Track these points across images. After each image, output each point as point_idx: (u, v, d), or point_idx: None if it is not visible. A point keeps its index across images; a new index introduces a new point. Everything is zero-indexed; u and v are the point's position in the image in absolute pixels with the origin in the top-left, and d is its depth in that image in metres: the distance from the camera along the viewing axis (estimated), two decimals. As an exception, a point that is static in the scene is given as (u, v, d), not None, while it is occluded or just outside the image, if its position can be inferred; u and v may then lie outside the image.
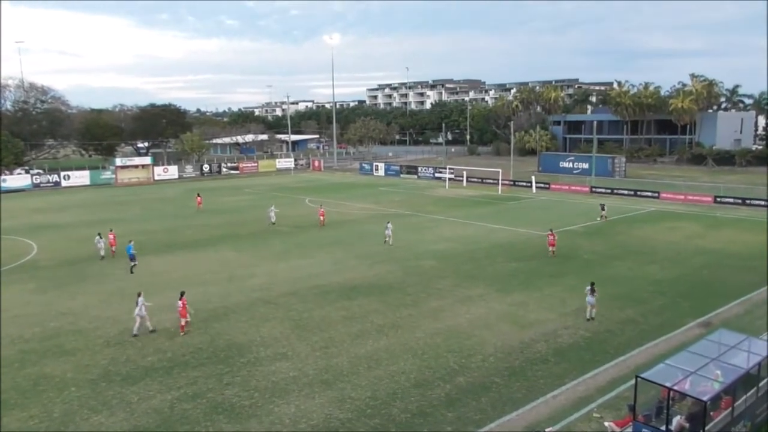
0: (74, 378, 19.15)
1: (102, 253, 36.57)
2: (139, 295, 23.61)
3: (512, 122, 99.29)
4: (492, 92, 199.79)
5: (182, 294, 23.57)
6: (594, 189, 64.22)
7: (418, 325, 23.61)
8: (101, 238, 36.86)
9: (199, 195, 58.36)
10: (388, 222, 42.60)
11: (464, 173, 75.10)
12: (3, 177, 75.25)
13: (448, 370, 19.49)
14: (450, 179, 74.31)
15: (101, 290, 29.04)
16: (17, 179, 76.54)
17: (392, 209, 54.05)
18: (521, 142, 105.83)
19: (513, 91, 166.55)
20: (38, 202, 63.41)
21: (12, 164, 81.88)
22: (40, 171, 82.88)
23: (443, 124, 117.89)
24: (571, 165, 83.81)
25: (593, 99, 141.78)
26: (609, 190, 62.83)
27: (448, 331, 22.82)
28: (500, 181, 68.45)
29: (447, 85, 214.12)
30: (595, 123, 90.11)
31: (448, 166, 79.26)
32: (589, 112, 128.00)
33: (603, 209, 47.71)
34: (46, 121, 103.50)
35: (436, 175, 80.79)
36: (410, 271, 31.74)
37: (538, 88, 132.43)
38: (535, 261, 33.74)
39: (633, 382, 15.24)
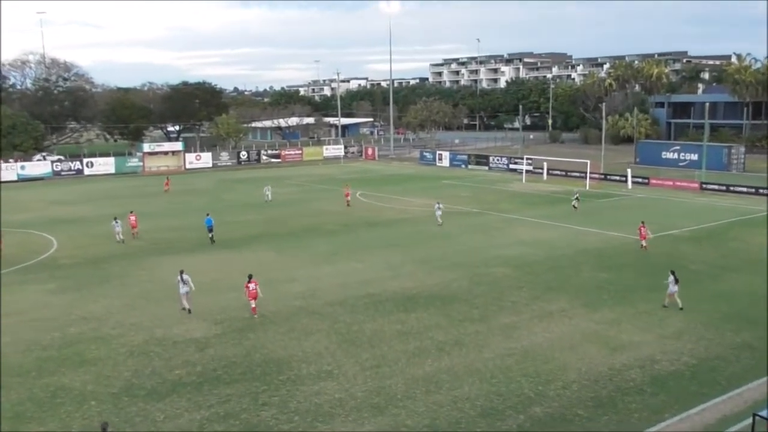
0: (94, 391, 19.95)
1: (119, 237, 39.55)
2: (182, 272, 26.97)
3: (604, 104, 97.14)
4: (580, 68, 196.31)
5: (250, 277, 26.47)
6: (705, 185, 62.27)
7: (486, 343, 23.47)
8: (118, 221, 40.05)
9: (168, 179, 66.90)
10: (438, 202, 43.25)
11: (545, 165, 74.17)
12: (21, 164, 79.09)
13: (522, 397, 19.29)
14: (527, 171, 73.48)
15: (125, 293, 30.13)
16: (36, 166, 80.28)
17: (458, 206, 53.87)
18: (615, 127, 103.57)
19: (606, 66, 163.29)
20: (59, 193, 66.35)
21: (31, 149, 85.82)
22: (61, 157, 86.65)
23: (520, 106, 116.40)
24: (676, 156, 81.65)
25: (705, 76, 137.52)
26: (723, 187, 60.75)
27: (522, 352, 22.60)
28: (588, 175, 67.23)
29: (526, 60, 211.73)
30: (707, 105, 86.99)
31: (525, 156, 78.41)
32: (700, 91, 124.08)
33: (576, 200, 52.11)
34: (68, 102, 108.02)
35: (511, 166, 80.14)
36: (478, 280, 31.58)
37: (636, 62, 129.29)
38: (630, 271, 32.99)
39: (749, 420, 14.72)
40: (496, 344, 23.37)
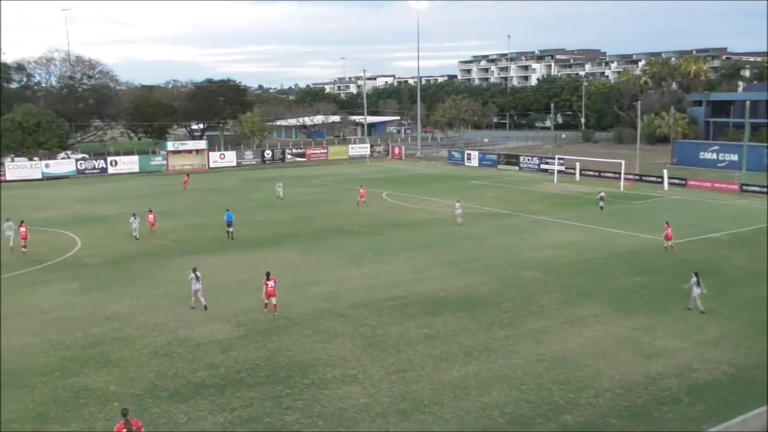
0: (117, 392, 20.23)
1: (136, 234, 41.27)
2: (194, 270, 27.84)
3: (639, 102, 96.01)
4: (614, 65, 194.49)
5: (268, 274, 27.10)
6: (745, 187, 61.26)
7: (515, 349, 23.37)
8: (136, 218, 41.66)
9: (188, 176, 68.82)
10: (458, 201, 45.17)
11: (577, 165, 73.71)
12: (46, 162, 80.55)
13: (553, 405, 19.17)
14: (559, 172, 73.02)
15: (149, 293, 30.51)
16: (61, 165, 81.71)
17: (487, 207, 53.70)
18: (650, 126, 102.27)
19: (641, 63, 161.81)
20: (83, 191, 67.43)
21: (56, 147, 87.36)
22: (86, 156, 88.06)
23: (552, 105, 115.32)
24: (714, 156, 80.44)
25: (746, 73, 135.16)
26: (765, 189, 59.67)
27: (553, 359, 22.47)
28: (623, 175, 66.55)
29: (557, 57, 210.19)
30: (748, 103, 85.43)
31: (557, 156, 77.86)
32: (740, 89, 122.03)
33: (601, 199, 51.78)
34: (92, 99, 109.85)
35: (542, 166, 79.71)
36: (507, 283, 31.46)
37: (673, 59, 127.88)
38: (665, 275, 32.58)
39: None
40: (526, 350, 23.25)
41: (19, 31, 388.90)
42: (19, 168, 78.61)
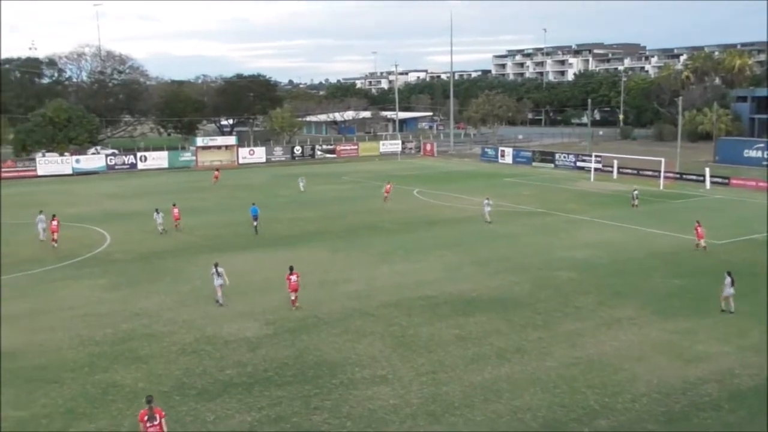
0: (146, 388, 20.48)
1: (161, 229, 42.36)
2: (216, 265, 28.21)
3: (681, 98, 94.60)
4: (654, 59, 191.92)
5: (291, 269, 27.58)
6: (790, 186, 60.01)
7: (549, 351, 23.22)
8: (159, 213, 42.88)
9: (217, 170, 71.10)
10: (487, 198, 45.37)
11: (615, 162, 72.87)
12: (76, 157, 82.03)
13: (587, 410, 19.01)
14: (596, 170, 72.30)
15: (177, 290, 30.90)
16: (91, 160, 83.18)
17: (521, 205, 53.37)
18: (692, 123, 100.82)
19: (683, 57, 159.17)
20: (112, 187, 68.54)
21: (86, 143, 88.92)
22: (115, 151, 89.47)
23: (589, 100, 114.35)
24: (759, 154, 78.93)
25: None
26: (812, 189, 58.47)
27: (588, 362, 22.28)
28: (662, 174, 65.68)
29: (595, 51, 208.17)
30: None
31: (593, 153, 77.10)
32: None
33: (635, 198, 51.99)
34: (123, 95, 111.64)
35: (579, 164, 79.02)
36: (541, 284, 31.26)
37: (716, 53, 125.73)
38: (706, 277, 32.02)
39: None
40: (560, 352, 23.08)
41: (51, 27, 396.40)
42: (50, 163, 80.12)
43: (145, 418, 15.89)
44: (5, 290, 30.98)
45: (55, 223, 39.97)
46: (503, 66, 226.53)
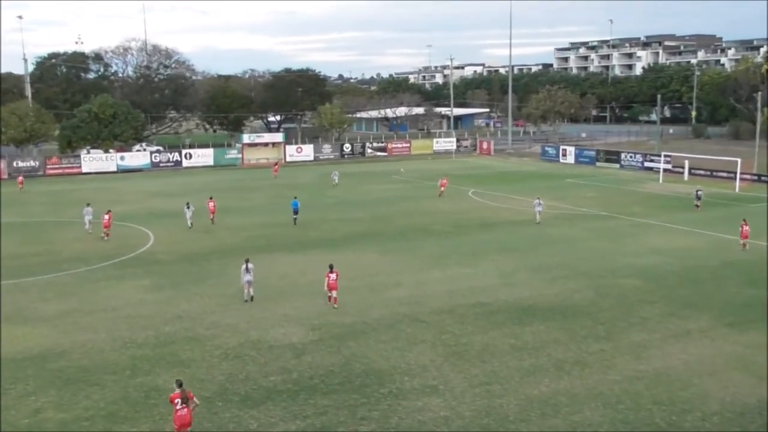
0: (188, 394, 20.88)
1: (190, 223, 44.77)
2: (247, 261, 29.51)
3: (760, 93, 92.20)
4: (731, 52, 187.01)
5: (331, 267, 28.69)
6: None
7: (612, 364, 22.89)
8: (190, 207, 45.26)
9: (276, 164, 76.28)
10: (538, 198, 46.25)
11: (686, 163, 71.61)
12: (121, 155, 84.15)
13: (652, 427, 18.69)
14: (665, 170, 71.12)
15: (221, 293, 31.37)
16: (135, 157, 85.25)
17: (583, 208, 52.72)
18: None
19: (762, 50, 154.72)
20: (157, 185, 70.13)
21: (131, 139, 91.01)
22: (160, 148, 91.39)
23: (659, 96, 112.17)
24: None
25: None
26: None
27: (654, 376, 21.90)
28: (738, 175, 64.15)
29: (666, 43, 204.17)
30: None
31: (663, 153, 75.81)
32: None
33: (698, 198, 52.05)
34: (168, 90, 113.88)
35: (646, 164, 78.08)
36: (604, 292, 30.84)
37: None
38: (786, 288, 31.17)
39: None
40: (624, 365, 22.73)
41: (97, 21, 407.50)
42: (94, 160, 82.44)
43: (177, 400, 17.23)
44: (50, 288, 32.01)
45: (107, 217, 42.71)
46: (566, 59, 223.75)
